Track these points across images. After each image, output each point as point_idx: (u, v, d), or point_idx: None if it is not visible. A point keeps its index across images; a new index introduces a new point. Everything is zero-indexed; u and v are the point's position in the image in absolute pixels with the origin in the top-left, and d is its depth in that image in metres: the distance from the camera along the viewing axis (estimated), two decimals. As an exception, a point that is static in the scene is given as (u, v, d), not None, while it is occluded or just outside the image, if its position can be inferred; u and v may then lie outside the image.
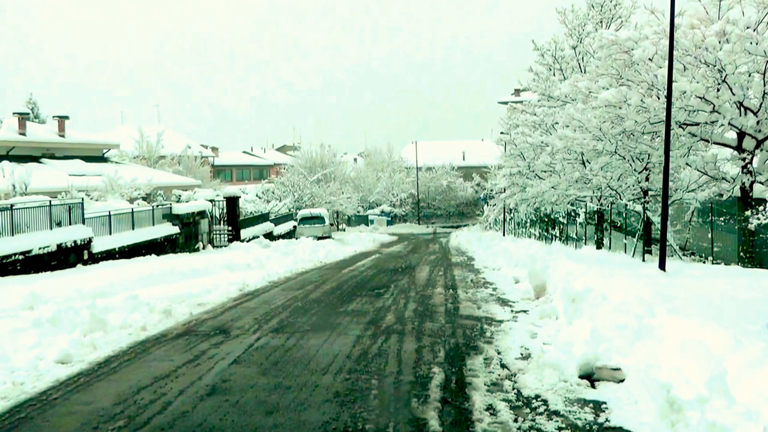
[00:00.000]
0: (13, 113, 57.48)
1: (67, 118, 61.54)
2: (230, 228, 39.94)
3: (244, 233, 40.93)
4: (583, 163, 26.78)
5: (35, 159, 52.92)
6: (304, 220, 52.83)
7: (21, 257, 21.89)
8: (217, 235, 39.18)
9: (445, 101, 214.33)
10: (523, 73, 34.22)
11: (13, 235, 22.38)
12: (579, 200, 29.64)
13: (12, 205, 23.15)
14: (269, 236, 43.16)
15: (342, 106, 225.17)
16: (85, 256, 25.34)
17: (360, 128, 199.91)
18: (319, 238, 44.63)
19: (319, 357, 10.69)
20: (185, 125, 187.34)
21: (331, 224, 56.41)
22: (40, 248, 22.85)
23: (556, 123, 28.28)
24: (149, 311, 14.26)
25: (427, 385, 9.05)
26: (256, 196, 69.82)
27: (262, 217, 48.94)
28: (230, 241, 38.84)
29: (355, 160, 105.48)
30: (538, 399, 8.41)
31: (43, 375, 9.83)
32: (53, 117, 64.00)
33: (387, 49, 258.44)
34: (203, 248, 35.88)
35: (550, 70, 33.49)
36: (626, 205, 25.09)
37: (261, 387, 9.07)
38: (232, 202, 40.86)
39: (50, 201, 25.10)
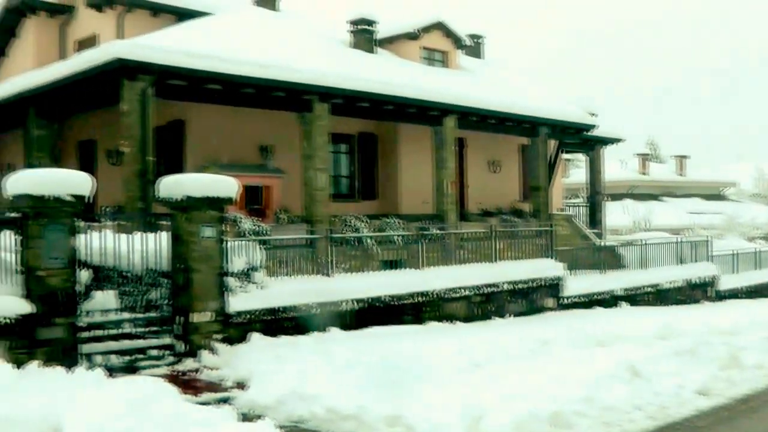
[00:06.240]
0: (635, 154, 60.50)
1: (686, 157, 62.68)
2: None
3: None
4: None
5: (654, 197, 54.89)
6: None
7: (650, 290, 23.10)
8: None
9: None
10: None
11: (644, 268, 23.77)
12: None
13: (643, 241, 24.61)
14: None
15: None
16: (709, 293, 25.67)
17: None
18: None
19: None
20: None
21: None
22: (668, 282, 23.89)
23: None
24: (786, 354, 13.74)
25: None
26: None
27: None
28: None
29: None
30: None
31: (685, 403, 10.18)
32: (671, 156, 65.73)
33: None
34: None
35: None
36: None
37: None
38: None
39: (677, 238, 25.97)
